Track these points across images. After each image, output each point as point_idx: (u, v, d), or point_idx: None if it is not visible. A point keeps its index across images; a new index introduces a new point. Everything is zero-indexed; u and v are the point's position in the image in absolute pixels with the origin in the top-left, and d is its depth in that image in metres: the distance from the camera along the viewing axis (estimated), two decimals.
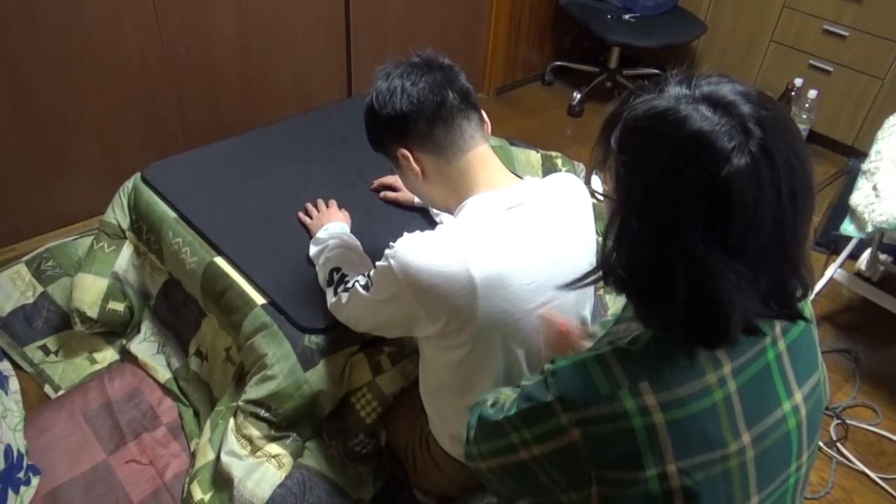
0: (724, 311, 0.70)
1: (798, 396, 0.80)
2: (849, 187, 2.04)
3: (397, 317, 1.13)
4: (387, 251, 1.08)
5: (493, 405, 0.91)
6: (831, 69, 2.78)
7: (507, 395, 0.91)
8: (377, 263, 1.11)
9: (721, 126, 0.65)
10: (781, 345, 0.79)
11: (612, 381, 0.73)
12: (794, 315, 0.77)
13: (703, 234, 0.67)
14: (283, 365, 1.34)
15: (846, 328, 2.13)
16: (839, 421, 1.82)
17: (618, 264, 0.73)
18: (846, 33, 2.70)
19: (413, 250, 1.05)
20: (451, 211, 1.19)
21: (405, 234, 1.09)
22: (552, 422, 0.76)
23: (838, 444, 1.76)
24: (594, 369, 0.75)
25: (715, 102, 0.67)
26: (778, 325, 0.78)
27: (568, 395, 0.75)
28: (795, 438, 0.80)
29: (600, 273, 0.78)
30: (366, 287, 1.15)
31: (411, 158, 1.13)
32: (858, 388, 1.92)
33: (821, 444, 1.75)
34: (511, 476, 0.86)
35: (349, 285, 1.22)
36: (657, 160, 0.68)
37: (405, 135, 1.12)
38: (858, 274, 2.22)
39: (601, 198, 0.79)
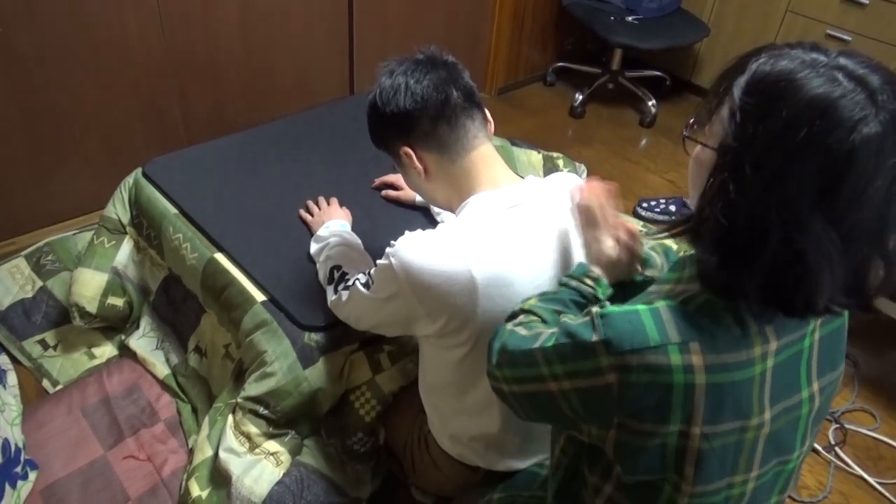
0: (811, 279, 0.70)
1: (815, 387, 0.82)
2: None
3: (397, 316, 1.12)
4: (388, 249, 1.08)
5: (519, 324, 0.91)
6: None
7: (536, 313, 0.93)
8: (378, 262, 1.11)
9: (854, 95, 0.66)
10: (817, 334, 0.81)
11: (663, 334, 0.74)
12: (866, 307, 0.76)
13: (810, 196, 0.67)
14: (282, 362, 1.34)
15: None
16: (838, 425, 1.82)
17: (717, 211, 0.72)
18: (849, 38, 2.69)
19: (414, 249, 1.04)
20: (453, 210, 1.18)
21: (406, 232, 1.09)
22: (590, 362, 0.77)
23: (836, 449, 1.76)
24: (647, 319, 0.75)
25: (850, 73, 0.68)
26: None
27: (615, 338, 0.75)
28: (803, 426, 0.83)
29: (689, 224, 0.78)
30: (366, 285, 1.15)
31: (414, 157, 1.13)
32: (857, 392, 1.92)
33: (819, 448, 1.75)
34: (532, 403, 0.87)
35: (350, 283, 1.22)
36: (786, 113, 0.67)
37: (408, 133, 1.12)
38: None
39: (696, 146, 0.77)
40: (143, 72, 2.11)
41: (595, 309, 0.80)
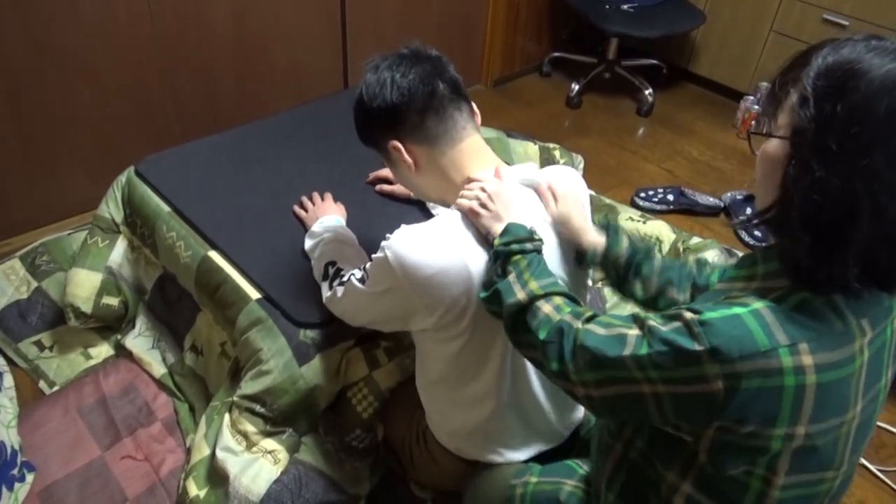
0: None
1: (889, 374, 0.84)
2: None
3: (394, 310, 1.12)
4: (383, 243, 1.07)
5: (583, 318, 0.89)
6: None
7: (557, 293, 0.94)
8: (373, 256, 1.10)
9: None
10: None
11: (772, 337, 0.72)
12: None
13: None
14: (278, 360, 1.33)
15: None
16: None
17: (803, 194, 0.72)
18: (846, 23, 2.67)
19: (409, 242, 1.04)
20: (445, 203, 1.17)
21: (402, 225, 1.08)
22: (694, 370, 0.74)
23: None
24: (751, 322, 0.73)
25: None
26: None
27: (723, 347, 0.72)
28: (876, 414, 0.84)
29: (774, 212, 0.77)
30: (362, 280, 1.14)
31: (403, 150, 1.12)
32: None
33: None
34: (616, 405, 0.84)
35: (344, 279, 1.21)
36: (864, 88, 0.69)
37: (396, 127, 1.11)
38: None
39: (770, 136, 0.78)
40: (135, 70, 2.09)
41: (689, 315, 0.76)
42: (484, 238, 1.06)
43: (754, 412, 0.73)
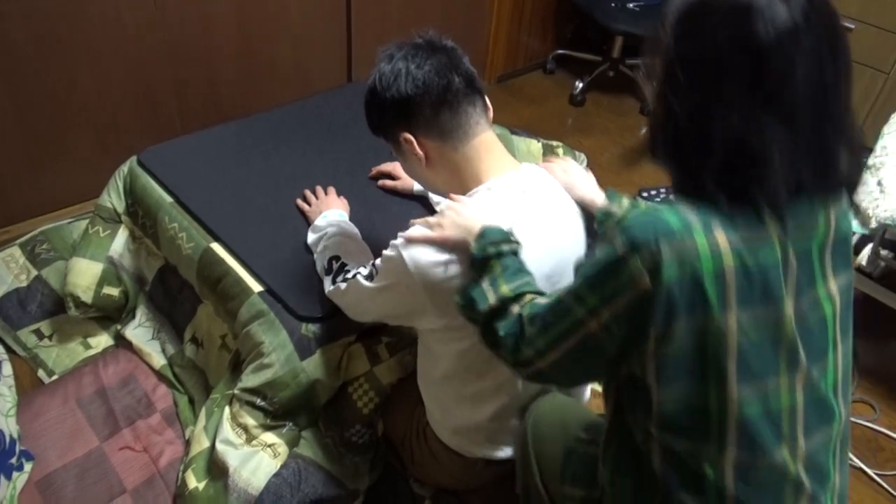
0: (762, 165, 0.74)
1: (833, 286, 0.83)
2: None
3: (401, 309, 1.11)
4: (394, 242, 1.07)
5: (529, 302, 0.93)
6: None
7: (526, 292, 0.95)
8: (384, 253, 1.09)
9: None
10: (833, 233, 0.82)
11: (685, 221, 0.75)
12: (835, 184, 0.80)
13: (741, 86, 0.74)
14: (279, 353, 1.32)
15: None
16: None
17: (664, 129, 0.80)
18: (852, 26, 2.66)
19: (424, 244, 1.03)
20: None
21: (412, 223, 1.07)
22: (623, 274, 0.76)
23: None
24: (666, 212, 0.76)
25: None
26: (833, 210, 0.82)
27: (639, 235, 0.75)
28: (831, 331, 0.84)
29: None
30: (369, 277, 1.13)
31: (415, 143, 1.11)
32: (857, 383, 1.92)
33: None
34: (575, 360, 0.86)
35: (349, 275, 1.21)
36: (706, 21, 0.76)
37: (409, 119, 1.10)
38: (858, 269, 2.21)
39: None
40: (137, 59, 2.08)
41: (612, 224, 0.80)
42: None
43: (682, 304, 0.74)
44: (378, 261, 1.12)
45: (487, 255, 0.98)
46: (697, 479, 0.80)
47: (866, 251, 2.21)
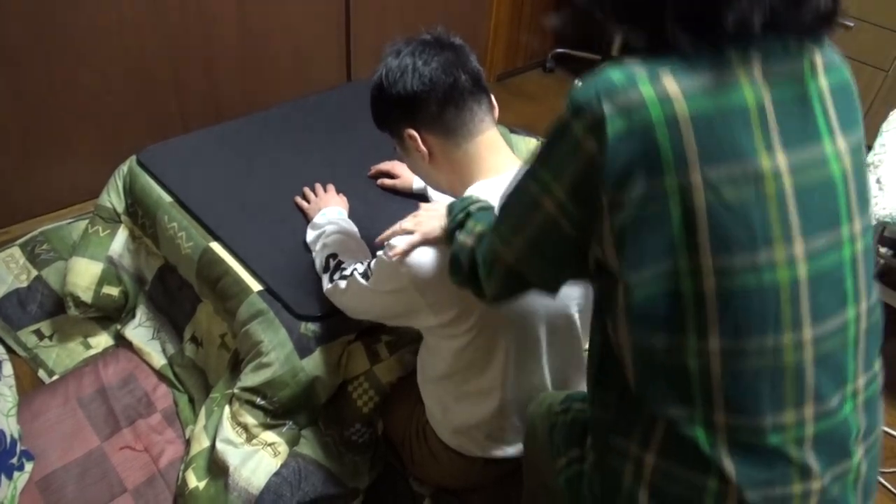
0: None
1: (841, 143, 0.72)
2: None
3: (397, 308, 1.11)
4: (387, 243, 1.07)
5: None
6: None
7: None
8: (378, 254, 1.10)
9: None
10: (824, 81, 0.72)
11: (629, 74, 0.67)
12: (810, 17, 0.69)
13: None
14: (278, 352, 1.32)
15: None
16: None
17: None
18: (851, 24, 2.66)
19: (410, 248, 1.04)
20: (455, 194, 1.17)
21: (389, 232, 1.08)
22: (568, 141, 0.71)
23: None
24: (611, 70, 0.69)
25: None
26: (818, 58, 0.72)
27: (580, 97, 0.69)
28: (842, 192, 0.71)
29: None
30: (365, 276, 1.14)
31: (419, 139, 1.11)
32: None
33: None
34: (536, 246, 0.80)
35: (347, 273, 1.21)
36: None
37: (414, 115, 1.09)
38: None
39: None
40: (138, 59, 2.08)
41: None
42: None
43: (634, 164, 0.66)
44: (372, 262, 1.12)
45: (459, 220, 0.97)
46: (682, 382, 0.71)
47: None
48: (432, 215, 1.06)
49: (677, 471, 0.73)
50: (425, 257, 1.03)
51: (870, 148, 1.90)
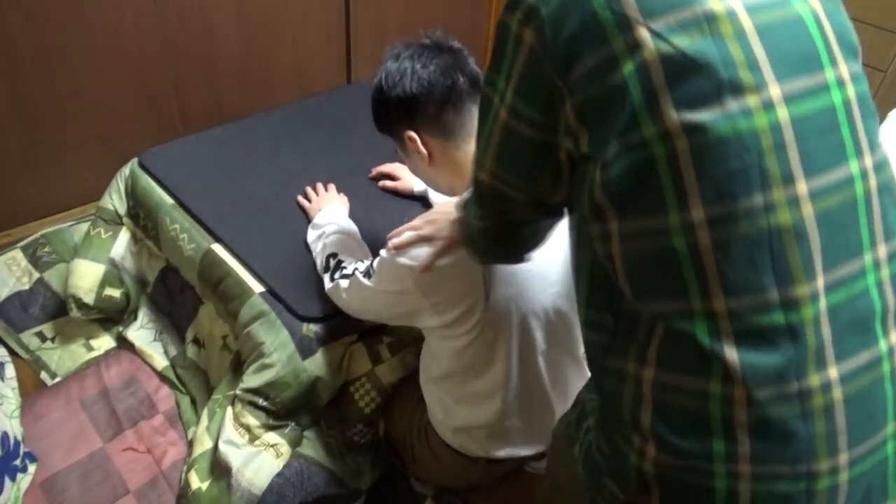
0: None
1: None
2: None
3: (399, 309, 1.12)
4: (389, 243, 1.08)
5: None
6: None
7: None
8: (381, 252, 1.10)
9: None
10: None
11: None
12: None
13: None
14: (281, 353, 1.33)
15: None
16: None
17: None
18: None
19: (416, 244, 1.04)
20: (455, 195, 1.18)
21: (395, 232, 1.09)
22: (508, 40, 0.69)
23: None
24: None
25: None
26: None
27: None
28: (816, 31, 0.64)
29: None
30: (367, 276, 1.14)
31: (418, 141, 1.12)
32: None
33: None
34: (506, 159, 0.76)
35: (348, 272, 1.22)
36: None
37: (413, 117, 1.11)
38: None
39: None
40: (138, 61, 2.08)
41: None
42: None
43: (576, 37, 0.63)
44: (375, 262, 1.13)
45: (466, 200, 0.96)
46: (673, 269, 0.63)
47: None
48: (441, 211, 1.05)
49: (677, 380, 0.66)
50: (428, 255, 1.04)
51: None
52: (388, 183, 1.68)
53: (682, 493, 0.67)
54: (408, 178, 1.66)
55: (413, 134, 1.12)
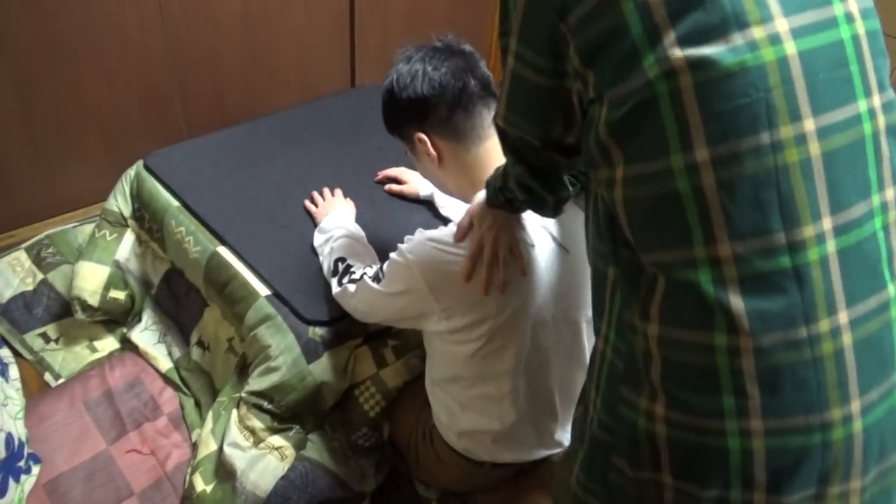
0: None
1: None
2: None
3: (408, 312, 1.12)
4: (402, 246, 1.08)
5: None
6: None
7: None
8: (391, 256, 1.11)
9: None
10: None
11: None
12: None
13: None
14: (286, 357, 1.33)
15: None
16: None
17: None
18: None
19: (431, 248, 1.05)
20: (465, 198, 1.18)
21: (420, 230, 1.09)
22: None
23: None
24: None
25: None
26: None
27: None
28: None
29: None
30: (376, 279, 1.15)
31: (428, 143, 1.12)
32: None
33: None
34: (516, 105, 0.78)
35: (356, 276, 1.22)
36: None
37: (424, 119, 1.11)
38: None
39: None
40: (143, 63, 2.09)
41: None
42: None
43: None
44: (385, 265, 1.13)
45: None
46: (676, 213, 0.62)
47: None
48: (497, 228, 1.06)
49: (682, 335, 0.64)
50: (442, 259, 1.03)
51: None
52: (395, 186, 1.68)
53: (695, 458, 0.65)
54: (414, 182, 1.66)
55: (423, 136, 1.12)
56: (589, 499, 0.77)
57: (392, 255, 1.11)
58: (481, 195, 1.08)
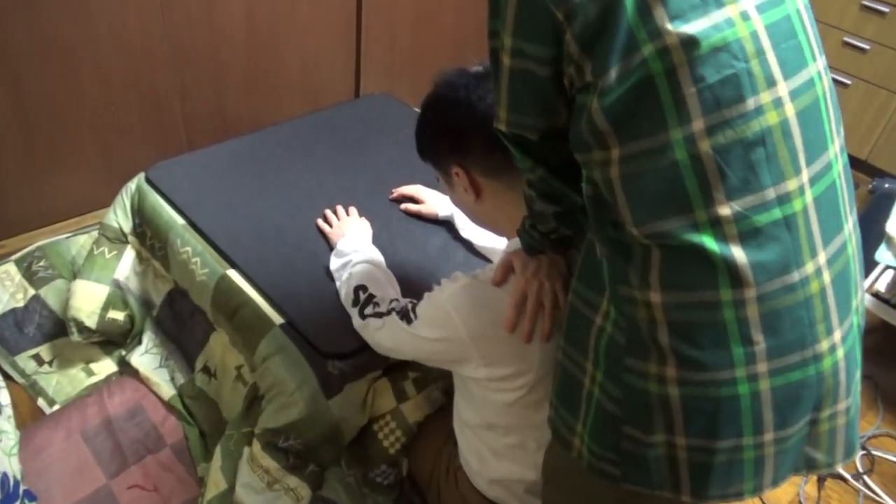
0: None
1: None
2: (876, 209, 1.99)
3: (443, 357, 1.05)
4: (438, 290, 1.02)
5: None
6: (849, 82, 2.73)
7: None
8: (427, 298, 1.04)
9: None
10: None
11: None
12: None
13: None
14: (303, 392, 1.25)
15: (864, 352, 2.09)
16: (864, 452, 1.77)
17: None
18: (867, 46, 2.65)
19: (473, 295, 0.98)
20: (499, 231, 1.12)
21: (457, 273, 1.02)
22: None
23: (864, 477, 1.71)
24: None
25: None
26: None
27: None
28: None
29: None
30: (405, 317, 1.07)
31: (466, 178, 1.05)
32: (883, 417, 1.88)
33: (847, 476, 1.71)
34: (517, 99, 0.79)
35: (381, 309, 1.14)
36: None
37: (462, 153, 1.04)
38: (876, 295, 2.18)
39: None
40: (142, 68, 1.99)
41: None
42: None
43: None
44: (419, 307, 1.06)
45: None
46: (676, 183, 0.67)
47: (885, 276, 2.18)
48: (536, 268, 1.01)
49: (688, 298, 0.69)
50: (485, 308, 0.97)
51: (885, 173, 1.87)
52: (412, 206, 1.60)
53: (707, 412, 0.71)
54: (431, 202, 1.58)
55: (461, 170, 1.04)
56: (604, 466, 0.80)
57: (427, 296, 1.04)
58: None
